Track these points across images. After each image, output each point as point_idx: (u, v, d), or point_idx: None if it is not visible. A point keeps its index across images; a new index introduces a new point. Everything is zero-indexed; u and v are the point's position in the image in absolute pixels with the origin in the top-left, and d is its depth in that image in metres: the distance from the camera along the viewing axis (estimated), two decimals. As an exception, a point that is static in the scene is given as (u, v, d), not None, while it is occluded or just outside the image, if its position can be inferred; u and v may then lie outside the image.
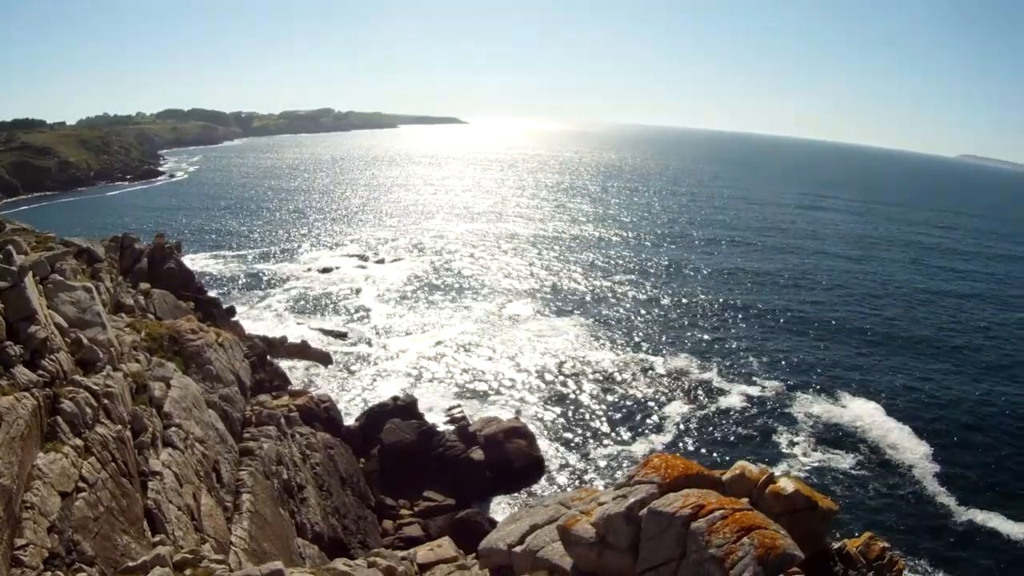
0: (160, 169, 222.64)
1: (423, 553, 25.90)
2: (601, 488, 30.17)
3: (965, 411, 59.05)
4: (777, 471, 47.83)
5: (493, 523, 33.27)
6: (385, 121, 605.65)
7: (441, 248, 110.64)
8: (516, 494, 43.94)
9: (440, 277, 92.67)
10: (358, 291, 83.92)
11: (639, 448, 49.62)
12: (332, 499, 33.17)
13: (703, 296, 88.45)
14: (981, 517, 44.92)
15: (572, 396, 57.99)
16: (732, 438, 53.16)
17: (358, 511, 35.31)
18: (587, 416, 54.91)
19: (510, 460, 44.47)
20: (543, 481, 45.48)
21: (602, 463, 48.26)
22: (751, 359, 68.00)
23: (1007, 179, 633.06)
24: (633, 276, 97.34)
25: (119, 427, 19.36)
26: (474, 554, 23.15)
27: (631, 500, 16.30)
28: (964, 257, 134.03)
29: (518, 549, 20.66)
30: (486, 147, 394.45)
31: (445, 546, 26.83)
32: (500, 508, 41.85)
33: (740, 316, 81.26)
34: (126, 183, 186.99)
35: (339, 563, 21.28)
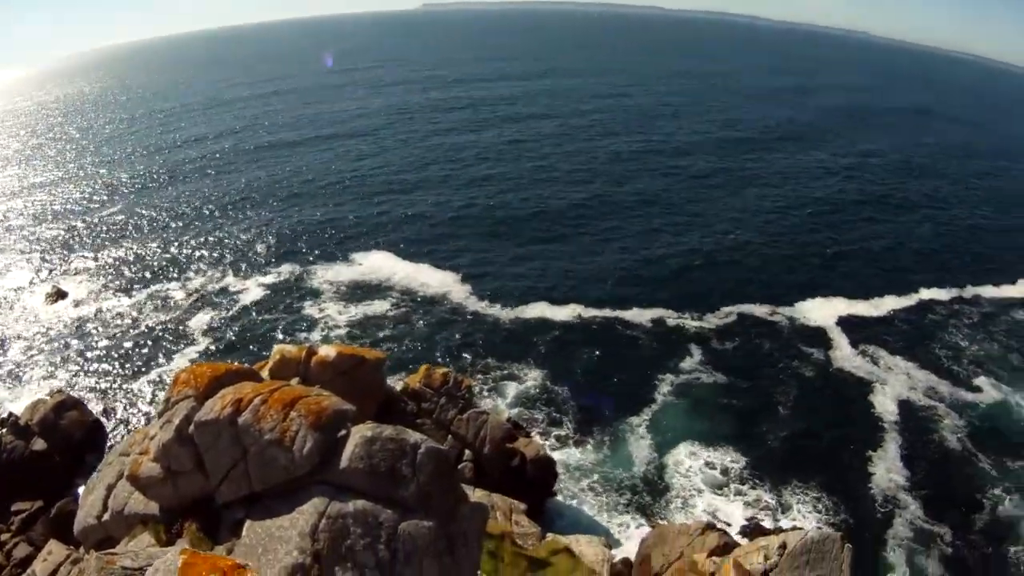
0: None
1: (40, 567, 23.86)
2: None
3: (465, 239, 69.31)
4: (318, 339, 51.38)
5: (85, 504, 31.06)
6: None
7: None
8: (95, 465, 40.80)
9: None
10: None
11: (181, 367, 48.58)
12: (-70, 560, 28.04)
13: (191, 209, 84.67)
14: (529, 312, 54.81)
15: (100, 348, 53.06)
16: (265, 327, 54.48)
17: (-40, 559, 30.32)
18: (123, 360, 51.27)
19: (71, 435, 41.34)
20: (111, 440, 42.79)
21: (158, 396, 46.62)
22: (258, 248, 69.33)
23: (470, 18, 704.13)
24: (102, 207, 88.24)
25: None
26: (86, 543, 21.93)
27: (176, 421, 16.19)
28: (442, 104, 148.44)
29: (106, 517, 19.70)
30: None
31: (55, 550, 24.98)
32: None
33: (230, 214, 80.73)
34: None
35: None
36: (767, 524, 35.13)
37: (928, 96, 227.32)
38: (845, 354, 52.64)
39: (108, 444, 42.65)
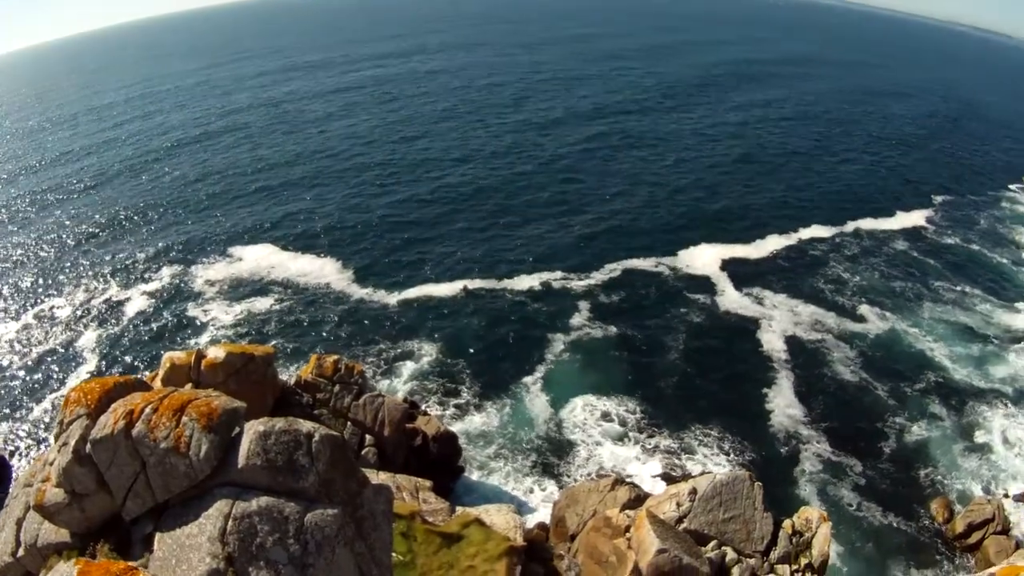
0: None
1: (-32, 625, 23.06)
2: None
3: (345, 228, 68.66)
4: (207, 341, 50.91)
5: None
6: None
7: None
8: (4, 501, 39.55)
9: None
10: None
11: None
12: None
13: (68, 223, 79.55)
14: (415, 292, 55.66)
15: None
16: (153, 336, 53.22)
17: None
18: (18, 389, 48.73)
19: (-18, 473, 39.73)
20: (18, 473, 41.52)
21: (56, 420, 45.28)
22: (137, 256, 66.77)
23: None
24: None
25: None
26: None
27: (72, 443, 16.20)
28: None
29: (20, 552, 19.50)
30: None
31: (-21, 597, 24.28)
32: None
33: (107, 225, 76.81)
34: None
35: None
36: (675, 472, 37.06)
37: (812, 46, 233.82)
38: (731, 297, 55.32)
39: (14, 478, 41.54)
